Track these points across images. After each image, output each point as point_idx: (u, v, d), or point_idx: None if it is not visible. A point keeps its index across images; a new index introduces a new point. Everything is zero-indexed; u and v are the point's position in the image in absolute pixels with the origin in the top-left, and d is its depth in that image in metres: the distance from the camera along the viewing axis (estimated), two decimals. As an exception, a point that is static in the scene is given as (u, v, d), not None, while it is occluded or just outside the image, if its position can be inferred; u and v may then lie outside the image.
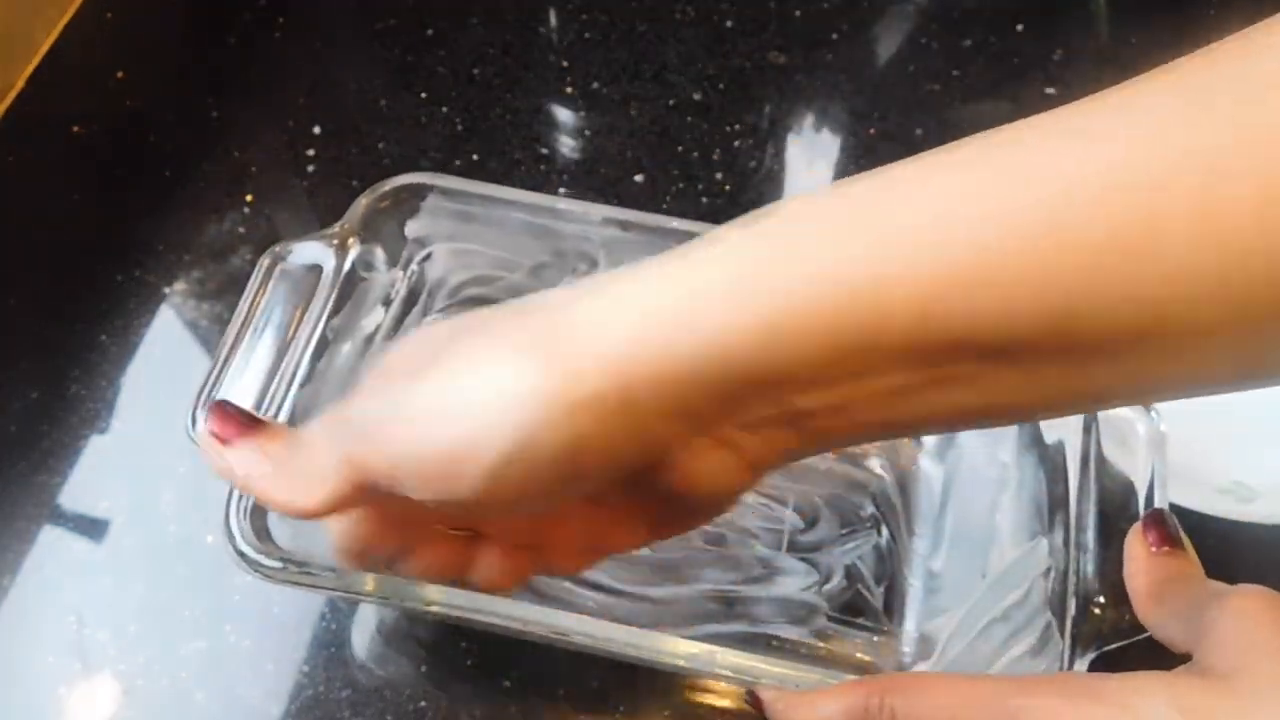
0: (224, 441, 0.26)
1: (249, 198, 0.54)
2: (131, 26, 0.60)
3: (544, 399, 0.22)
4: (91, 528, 0.44)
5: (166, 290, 0.51)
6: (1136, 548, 0.31)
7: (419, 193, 0.42)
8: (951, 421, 0.25)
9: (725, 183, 0.55)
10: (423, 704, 0.41)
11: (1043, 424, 0.39)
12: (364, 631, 0.42)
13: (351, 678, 0.41)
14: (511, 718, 0.40)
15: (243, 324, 0.37)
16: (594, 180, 0.55)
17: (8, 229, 0.53)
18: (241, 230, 0.53)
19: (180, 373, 0.49)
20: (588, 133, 0.57)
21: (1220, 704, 0.23)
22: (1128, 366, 0.22)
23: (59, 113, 0.57)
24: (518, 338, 0.23)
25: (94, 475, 0.46)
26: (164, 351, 0.49)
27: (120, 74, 0.58)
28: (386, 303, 0.42)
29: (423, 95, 0.58)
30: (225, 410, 0.27)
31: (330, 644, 0.42)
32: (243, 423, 0.26)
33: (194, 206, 0.54)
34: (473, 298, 0.45)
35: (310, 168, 0.55)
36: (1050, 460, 0.38)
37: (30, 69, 0.58)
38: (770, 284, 0.22)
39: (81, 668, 0.41)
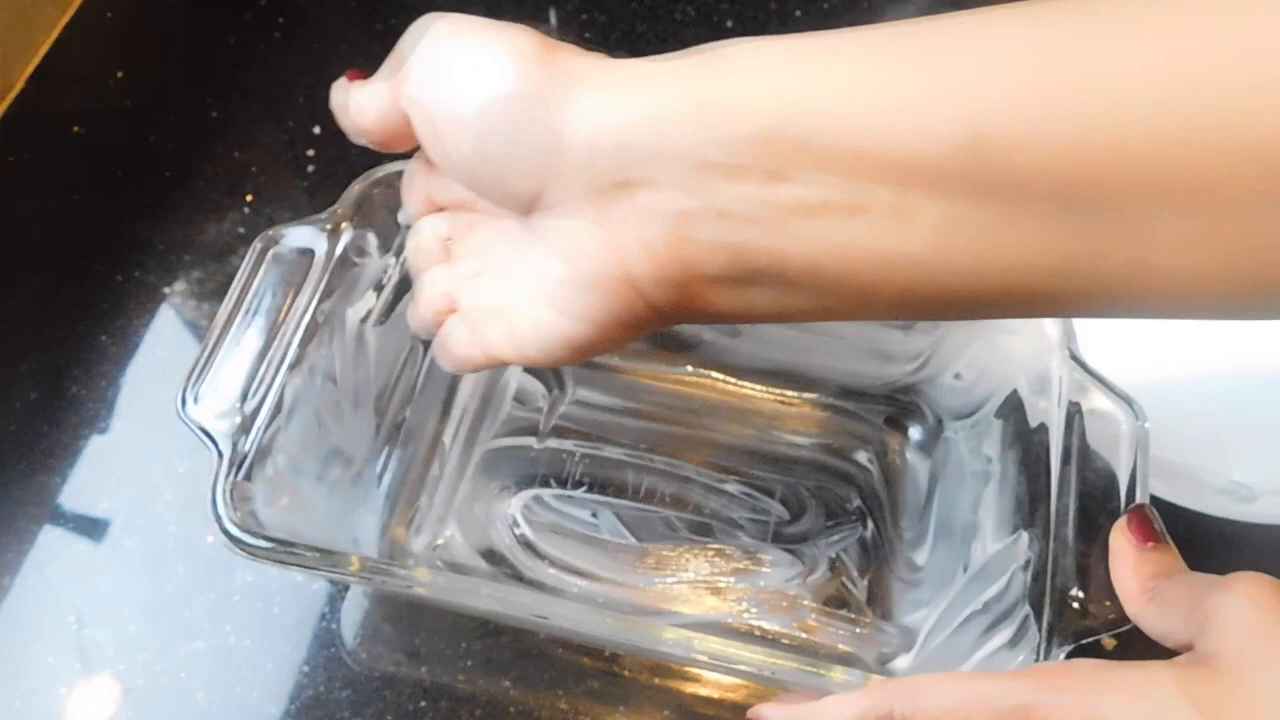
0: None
1: (249, 198, 0.54)
2: (131, 26, 0.60)
3: (521, 66, 0.28)
4: (91, 528, 0.44)
5: (166, 290, 0.51)
6: (1122, 544, 0.30)
7: None
8: (852, 274, 0.24)
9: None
10: (423, 704, 0.41)
11: (1028, 418, 0.39)
12: (364, 632, 0.42)
13: (351, 678, 0.41)
14: (511, 718, 0.40)
15: (234, 306, 0.38)
16: (594, 180, 0.55)
17: (8, 229, 0.53)
18: (241, 230, 0.53)
19: (180, 373, 0.48)
20: (588, 133, 0.57)
21: (1231, 693, 0.22)
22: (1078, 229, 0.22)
23: (59, 113, 0.57)
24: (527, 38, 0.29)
25: (94, 475, 0.46)
26: (164, 352, 0.49)
27: (120, 74, 0.58)
28: (378, 288, 0.41)
29: (423, 95, 0.58)
30: None
31: (330, 644, 0.42)
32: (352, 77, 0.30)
33: (194, 206, 0.54)
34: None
35: (310, 168, 0.55)
36: (1034, 455, 0.38)
37: (30, 69, 0.58)
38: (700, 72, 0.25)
39: (81, 668, 0.41)
